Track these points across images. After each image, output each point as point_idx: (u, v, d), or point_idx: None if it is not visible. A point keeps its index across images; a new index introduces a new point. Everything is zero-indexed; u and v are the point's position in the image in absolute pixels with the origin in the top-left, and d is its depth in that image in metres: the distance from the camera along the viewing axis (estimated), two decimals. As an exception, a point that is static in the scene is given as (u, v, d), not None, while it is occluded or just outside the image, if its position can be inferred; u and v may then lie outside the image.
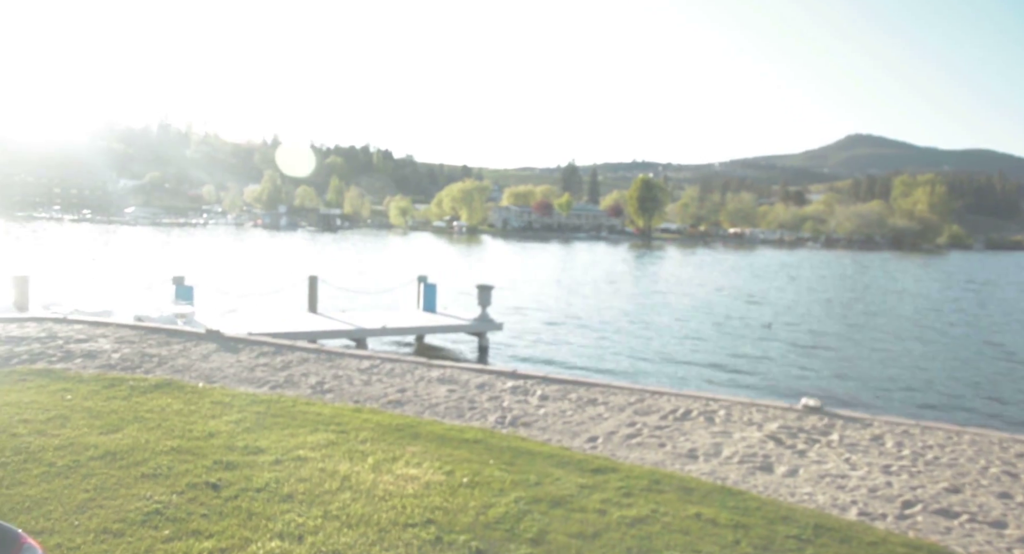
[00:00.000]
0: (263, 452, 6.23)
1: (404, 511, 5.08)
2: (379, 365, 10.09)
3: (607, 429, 7.66)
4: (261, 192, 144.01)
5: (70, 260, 39.91)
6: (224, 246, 67.10)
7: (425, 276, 20.36)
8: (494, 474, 5.97)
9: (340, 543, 4.53)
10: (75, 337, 10.96)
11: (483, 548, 4.58)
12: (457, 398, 8.69)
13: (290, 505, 5.11)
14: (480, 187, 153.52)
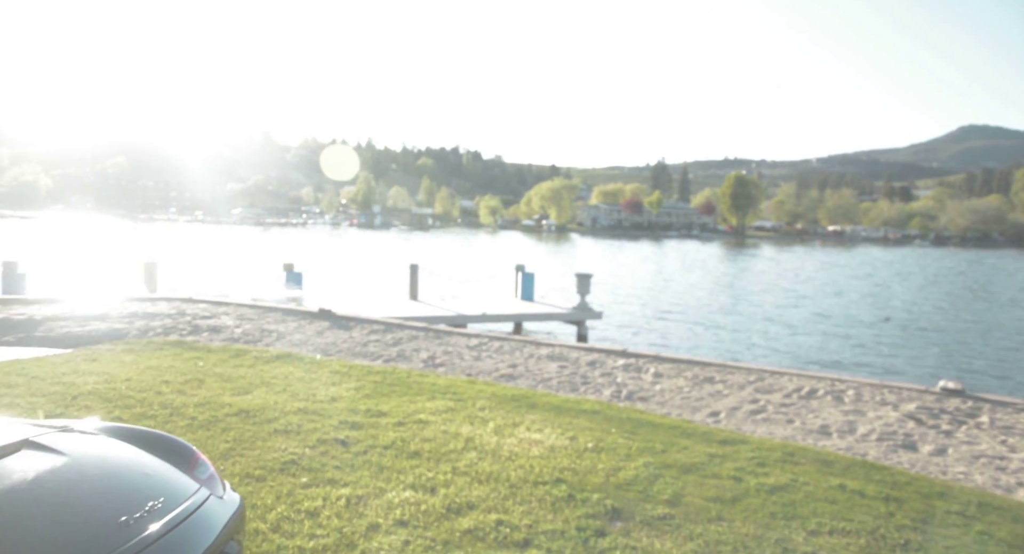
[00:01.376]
0: (385, 415, 6.32)
1: (532, 470, 5.01)
2: (487, 343, 10.11)
3: (729, 405, 7.36)
4: (356, 193, 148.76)
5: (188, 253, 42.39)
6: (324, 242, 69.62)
7: (523, 265, 20.38)
8: (618, 441, 5.82)
9: (472, 496, 4.50)
10: (201, 314, 11.54)
11: (618, 507, 4.44)
12: (569, 373, 8.58)
13: (418, 461, 5.14)
14: (569, 185, 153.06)
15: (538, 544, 3.88)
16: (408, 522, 4.10)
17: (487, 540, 3.92)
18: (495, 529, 4.04)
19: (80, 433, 2.98)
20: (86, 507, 2.47)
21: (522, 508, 4.35)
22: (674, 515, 4.35)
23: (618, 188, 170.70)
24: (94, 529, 2.32)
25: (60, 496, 2.48)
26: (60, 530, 2.29)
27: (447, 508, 4.30)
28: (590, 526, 4.13)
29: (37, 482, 2.50)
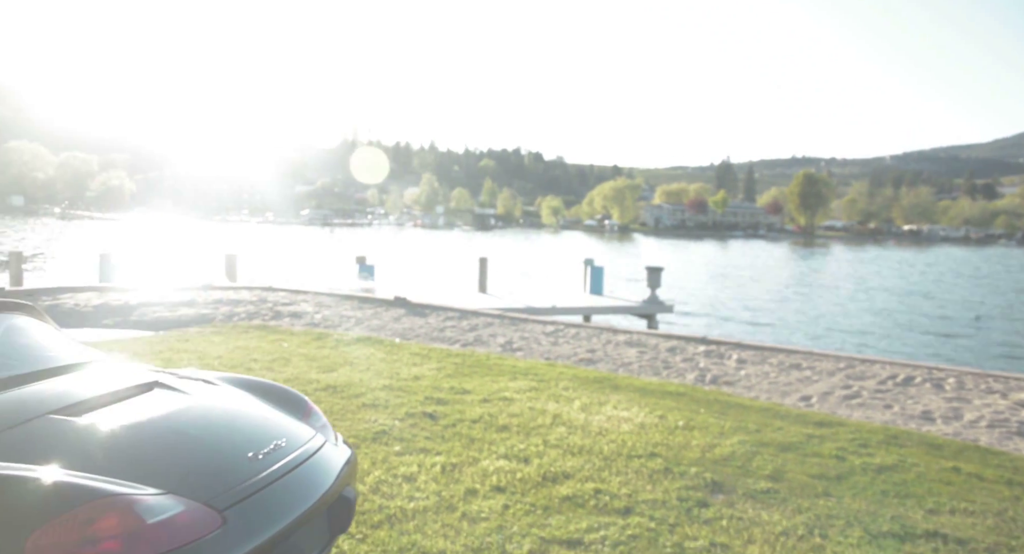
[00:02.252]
0: (469, 392, 6.32)
1: (625, 445, 4.92)
2: (563, 330, 10.04)
3: (820, 390, 7.09)
4: (420, 195, 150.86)
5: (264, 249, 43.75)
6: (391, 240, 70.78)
7: (591, 259, 20.22)
8: (708, 420, 5.67)
9: (566, 466, 4.44)
10: (281, 301, 11.84)
11: (718, 480, 4.31)
12: (649, 358, 8.43)
13: (507, 434, 5.11)
14: (632, 185, 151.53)
15: (640, 512, 3.79)
16: (505, 488, 4.07)
17: (587, 507, 3.85)
18: (594, 496, 3.97)
19: (202, 380, 3.06)
20: (217, 440, 2.52)
21: (619, 479, 4.27)
22: (778, 489, 4.20)
23: (682, 188, 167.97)
24: (226, 461, 2.37)
25: (193, 429, 2.54)
26: (197, 459, 2.34)
27: (543, 477, 4.26)
28: (691, 497, 4.02)
29: (171, 416, 2.57)
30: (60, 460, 2.05)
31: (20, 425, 2.22)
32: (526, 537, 3.44)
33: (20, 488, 1.90)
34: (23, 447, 2.10)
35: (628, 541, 3.44)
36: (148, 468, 2.14)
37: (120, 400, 2.55)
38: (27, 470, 1.97)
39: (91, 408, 2.42)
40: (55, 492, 1.90)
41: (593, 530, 3.54)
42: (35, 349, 2.86)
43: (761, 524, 3.69)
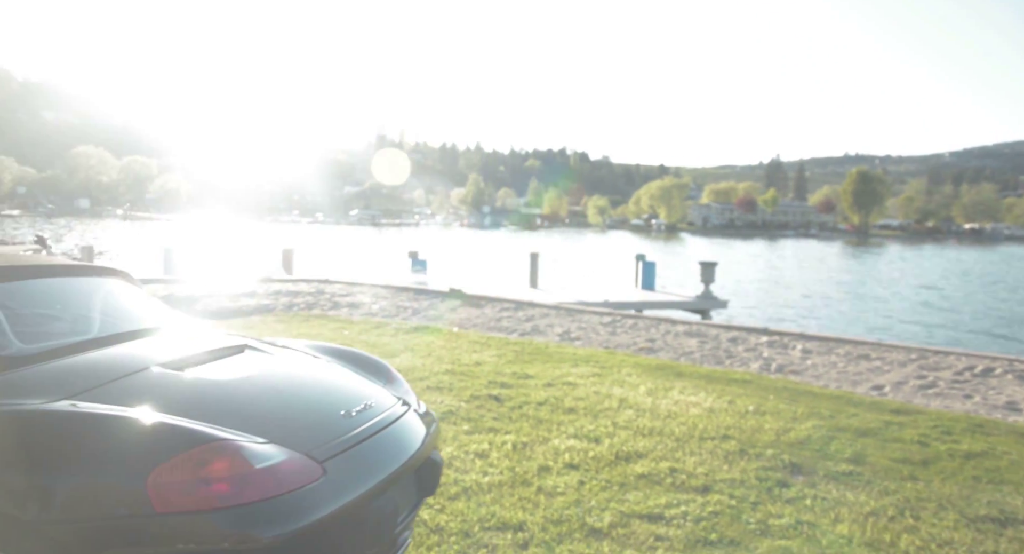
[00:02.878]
0: (532, 377, 6.29)
1: (696, 427, 4.83)
2: (620, 320, 9.94)
3: (893, 380, 6.86)
4: (466, 195, 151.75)
5: (316, 246, 44.61)
6: (438, 238, 71.36)
7: (643, 254, 20.02)
8: (779, 406, 5.53)
9: (638, 446, 4.38)
10: (339, 292, 12.02)
11: (796, 462, 4.19)
12: (711, 348, 8.28)
13: (574, 416, 5.07)
14: (679, 184, 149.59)
15: (718, 490, 3.71)
16: (578, 465, 4.04)
17: (663, 484, 3.78)
18: (670, 475, 3.90)
19: (286, 346, 3.10)
20: (311, 397, 2.55)
21: (693, 459, 4.19)
22: (861, 472, 4.06)
23: (730, 186, 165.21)
24: (322, 416, 2.40)
25: (287, 386, 2.58)
26: (294, 413, 2.37)
27: (615, 455, 4.20)
28: (770, 477, 3.91)
29: (266, 373, 2.61)
30: (168, 408, 2.09)
31: (129, 375, 2.28)
32: (605, 511, 3.39)
33: (140, 428, 1.95)
34: (134, 394, 2.15)
35: (709, 517, 3.36)
36: (250, 419, 2.17)
37: (217, 358, 2.60)
38: (144, 413, 2.01)
39: (191, 364, 2.48)
40: (171, 434, 1.94)
41: (673, 506, 3.48)
42: (134, 310, 2.94)
43: (847, 504, 3.57)
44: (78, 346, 2.46)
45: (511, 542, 3.05)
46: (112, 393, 2.14)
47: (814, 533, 3.22)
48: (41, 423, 1.96)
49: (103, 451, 1.89)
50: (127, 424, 1.96)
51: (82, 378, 2.21)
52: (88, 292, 2.90)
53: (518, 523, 3.22)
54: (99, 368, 2.31)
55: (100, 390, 2.15)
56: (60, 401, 2.05)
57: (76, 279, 2.92)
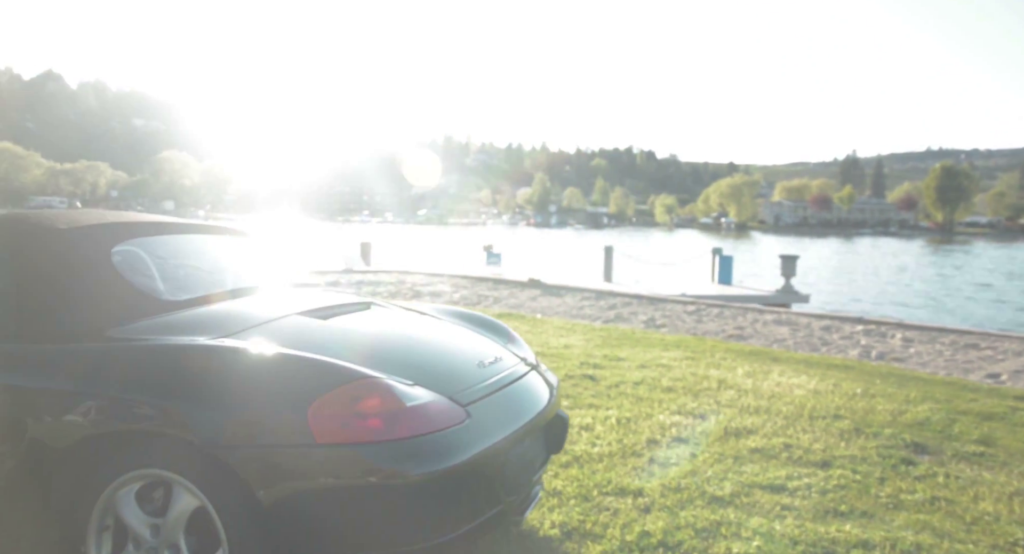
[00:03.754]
0: (624, 360, 6.21)
1: (803, 407, 4.66)
2: (705, 309, 9.74)
3: (1009, 368, 6.48)
4: (532, 194, 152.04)
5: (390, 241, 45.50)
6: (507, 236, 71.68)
7: (720, 248, 19.59)
8: (888, 390, 5.29)
9: (746, 423, 4.25)
10: (419, 282, 12.19)
11: (919, 442, 3.99)
12: (803, 336, 8.01)
13: (674, 395, 4.97)
14: (749, 182, 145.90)
15: (840, 465, 3.56)
16: (687, 439, 3.95)
17: (780, 458, 3.66)
18: (784, 450, 3.77)
19: (409, 308, 3.14)
20: (446, 347, 2.58)
21: (807, 436, 4.04)
22: (994, 454, 3.83)
23: (803, 184, 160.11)
24: (459, 364, 2.42)
25: (422, 337, 2.61)
26: (434, 359, 2.40)
27: (724, 431, 4.09)
28: (893, 455, 3.73)
29: (399, 325, 2.65)
30: (316, 349, 2.13)
31: (274, 320, 2.34)
32: (724, 481, 3.30)
33: (297, 364, 1.99)
34: (283, 336, 2.21)
35: (835, 490, 3.23)
36: (393, 362, 2.19)
37: (349, 312, 2.65)
38: (297, 351, 2.06)
39: (328, 314, 2.53)
40: (326, 370, 1.98)
41: (794, 478, 3.35)
42: (263, 267, 3.03)
43: (985, 484, 3.37)
44: (222, 295, 2.55)
45: (632, 506, 2.99)
46: (263, 334, 2.19)
47: (954, 509, 3.05)
48: (206, 356, 2.03)
49: (265, 384, 1.94)
50: (285, 360, 2.00)
51: (232, 321, 2.28)
52: (223, 249, 3.01)
53: (636, 489, 3.17)
54: (245, 314, 2.38)
55: (251, 331, 2.22)
56: (219, 338, 2.12)
57: (212, 237, 3.04)
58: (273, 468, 1.86)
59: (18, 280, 2.29)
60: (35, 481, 2.03)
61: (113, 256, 2.39)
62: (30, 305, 2.23)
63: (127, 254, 2.48)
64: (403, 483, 1.90)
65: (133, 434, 1.96)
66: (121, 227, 2.58)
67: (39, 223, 2.44)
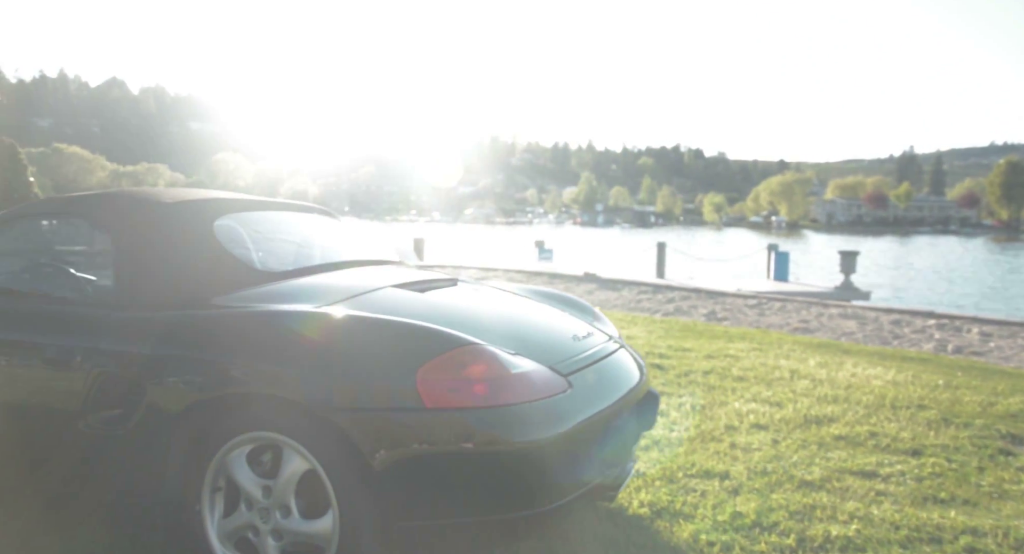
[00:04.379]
0: (690, 350, 6.11)
1: (884, 397, 4.51)
2: (766, 303, 9.54)
3: (1100, 362, 6.18)
4: (578, 193, 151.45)
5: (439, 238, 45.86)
6: (554, 234, 71.60)
7: (775, 244, 19.19)
8: (972, 382, 5.09)
9: (826, 411, 4.13)
10: (474, 277, 12.24)
11: (1015, 433, 3.82)
12: (872, 330, 7.78)
13: (746, 384, 4.87)
14: (801, 179, 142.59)
15: (932, 453, 3.43)
16: (766, 426, 3.86)
17: (866, 446, 3.55)
18: (871, 438, 3.66)
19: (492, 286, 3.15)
20: (540, 320, 2.57)
21: (893, 425, 3.91)
22: (1098, 445, 3.65)
23: (858, 181, 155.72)
24: (555, 336, 2.42)
25: (515, 310, 2.61)
26: (531, 331, 2.40)
27: (804, 418, 3.99)
28: (988, 445, 3.59)
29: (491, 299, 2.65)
30: (417, 317, 2.14)
31: (371, 291, 2.37)
32: (812, 466, 3.21)
33: (403, 330, 2.01)
34: (383, 305, 2.23)
35: (931, 477, 3.11)
36: (492, 332, 2.19)
37: (439, 287, 2.66)
38: (401, 318, 2.07)
39: (420, 287, 2.55)
40: (432, 336, 1.99)
41: (885, 465, 3.25)
42: (351, 243, 3.08)
43: (1093, 474, 3.21)
44: (316, 268, 2.59)
45: (720, 488, 2.94)
46: (363, 304, 2.22)
47: (1064, 498, 2.91)
48: (316, 321, 2.05)
49: (374, 348, 1.95)
50: (392, 325, 2.02)
51: (331, 291, 2.31)
52: (312, 226, 3.06)
53: (722, 472, 3.11)
54: (342, 285, 2.41)
55: (353, 300, 2.24)
56: (322, 307, 2.15)
57: (302, 214, 3.09)
58: (382, 431, 1.87)
59: (128, 251, 2.36)
60: (152, 445, 2.09)
61: (215, 229, 2.45)
62: (140, 275, 2.30)
63: (226, 228, 2.54)
64: (508, 450, 1.89)
65: (245, 398, 2.00)
66: (220, 203, 2.64)
67: (147, 198, 2.52)
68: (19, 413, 2.29)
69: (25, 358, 2.29)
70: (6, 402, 2.31)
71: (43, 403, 2.24)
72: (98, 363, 2.17)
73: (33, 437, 2.29)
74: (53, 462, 2.28)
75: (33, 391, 2.26)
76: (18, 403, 2.28)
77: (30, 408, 2.27)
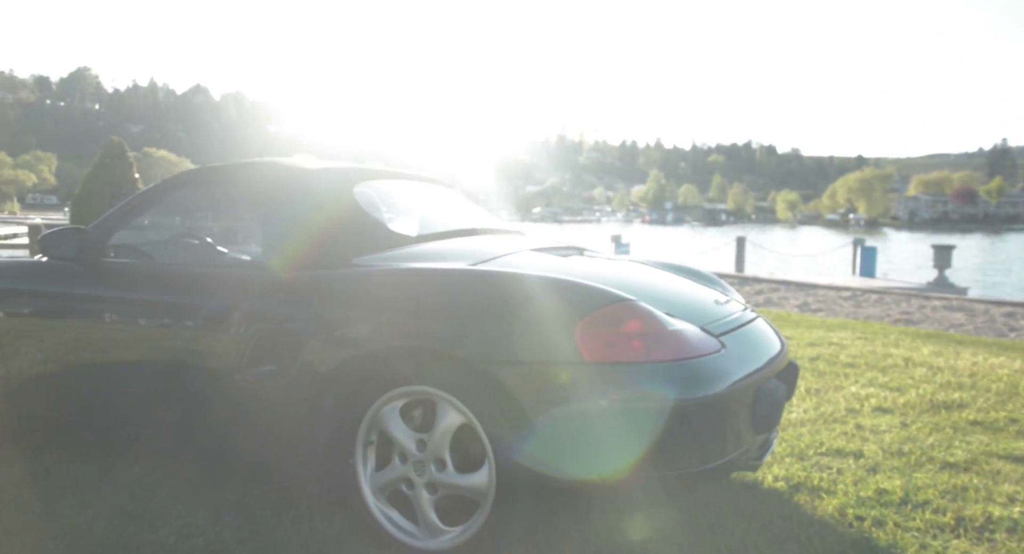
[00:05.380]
0: (789, 338, 5.91)
1: (1016, 385, 4.25)
2: (861, 295, 9.18)
3: None
4: (647, 192, 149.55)
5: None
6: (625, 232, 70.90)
7: (862, 239, 18.45)
8: (1111, 374, 4.74)
9: (952, 397, 3.92)
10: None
11: None
12: (983, 322, 7.37)
13: (858, 370, 4.67)
14: (881, 175, 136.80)
15: (1084, 441, 3.21)
16: (890, 410, 3.69)
17: (1007, 431, 3.35)
18: (1011, 423, 3.45)
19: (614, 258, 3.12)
20: (681, 284, 2.54)
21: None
22: None
23: (943, 176, 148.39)
24: (700, 300, 2.39)
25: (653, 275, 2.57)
26: (676, 293, 2.37)
27: (931, 403, 3.80)
28: None
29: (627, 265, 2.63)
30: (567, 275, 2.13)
31: (514, 253, 2.38)
32: (952, 449, 3.05)
33: (558, 286, 2.00)
34: (531, 265, 2.23)
35: (1092, 464, 2.91)
36: (640, 293, 2.16)
37: (572, 254, 2.65)
38: (557, 275, 2.07)
39: (556, 252, 2.55)
40: (588, 292, 1.97)
41: (1034, 450, 3.06)
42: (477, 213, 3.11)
43: None
44: (451, 233, 2.63)
45: (856, 466, 2.82)
46: (509, 264, 2.23)
47: None
48: (469, 278, 2.07)
49: (531, 303, 1.95)
50: (547, 281, 2.01)
51: (473, 253, 2.33)
52: (438, 196, 3.11)
53: (854, 451, 2.98)
54: (481, 248, 2.43)
55: (497, 261, 2.25)
56: (476, 265, 2.17)
57: (428, 184, 3.14)
58: (542, 385, 1.86)
59: (276, 216, 2.44)
60: (306, 399, 2.14)
61: (356, 195, 2.50)
62: (289, 237, 2.36)
63: (364, 194, 2.59)
64: (667, 406, 1.86)
65: (401, 353, 2.02)
66: (357, 171, 2.71)
67: (291, 166, 2.60)
68: (177, 370, 2.39)
69: (183, 319, 2.39)
70: (166, 360, 2.41)
71: (200, 361, 2.33)
72: (253, 321, 2.24)
73: (190, 393, 2.38)
74: (209, 417, 2.37)
75: (191, 350, 2.35)
76: (177, 361, 2.38)
77: (187, 366, 2.36)
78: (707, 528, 2.27)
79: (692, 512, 2.37)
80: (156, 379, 2.43)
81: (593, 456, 1.88)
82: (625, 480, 1.89)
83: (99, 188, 10.38)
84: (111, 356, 2.52)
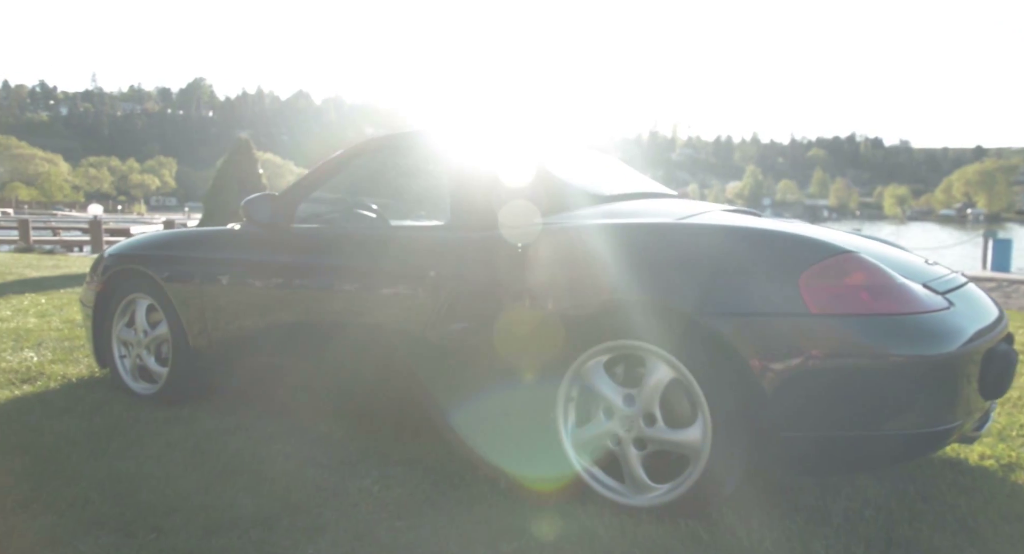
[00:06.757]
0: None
1: None
2: (1010, 285, 8.53)
3: None
4: (743, 188, 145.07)
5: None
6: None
7: (994, 231, 17.19)
8: None
9: None
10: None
11: None
12: None
13: None
14: (1005, 167, 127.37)
15: None
16: None
17: None
18: None
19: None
20: (890, 248, 2.47)
21: None
22: None
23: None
24: (914, 260, 2.33)
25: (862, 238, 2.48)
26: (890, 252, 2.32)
27: None
28: None
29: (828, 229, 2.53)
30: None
31: (709, 211, 2.35)
32: None
33: (780, 237, 1.95)
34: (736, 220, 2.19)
35: None
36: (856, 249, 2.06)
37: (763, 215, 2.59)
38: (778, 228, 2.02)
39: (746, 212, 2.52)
40: (811, 243, 1.92)
41: None
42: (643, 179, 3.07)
43: None
44: (640, 194, 2.63)
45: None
46: (715, 219, 2.20)
47: None
48: (681, 230, 2.05)
49: (751, 254, 1.90)
50: (766, 233, 1.96)
51: (671, 210, 2.30)
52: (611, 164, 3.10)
53: None
54: (675, 207, 2.40)
55: (702, 216, 2.22)
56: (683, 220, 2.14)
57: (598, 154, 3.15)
58: (765, 337, 1.80)
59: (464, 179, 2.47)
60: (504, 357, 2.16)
61: (539, 157, 2.52)
62: (477, 199, 2.38)
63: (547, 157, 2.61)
64: (898, 362, 1.76)
65: (608, 306, 2.00)
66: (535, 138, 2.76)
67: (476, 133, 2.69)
68: (374, 329, 2.46)
69: (377, 281, 2.46)
70: (363, 323, 2.49)
71: (396, 320, 2.39)
72: (449, 280, 2.28)
73: (385, 351, 2.45)
74: (403, 374, 2.43)
75: (387, 310, 2.42)
76: (374, 322, 2.46)
77: (384, 326, 2.43)
78: (920, 499, 2.14)
79: (902, 484, 2.24)
80: (353, 340, 2.51)
81: (821, 411, 1.80)
82: (851, 438, 1.80)
83: (227, 184, 11.01)
84: (309, 318, 2.64)
